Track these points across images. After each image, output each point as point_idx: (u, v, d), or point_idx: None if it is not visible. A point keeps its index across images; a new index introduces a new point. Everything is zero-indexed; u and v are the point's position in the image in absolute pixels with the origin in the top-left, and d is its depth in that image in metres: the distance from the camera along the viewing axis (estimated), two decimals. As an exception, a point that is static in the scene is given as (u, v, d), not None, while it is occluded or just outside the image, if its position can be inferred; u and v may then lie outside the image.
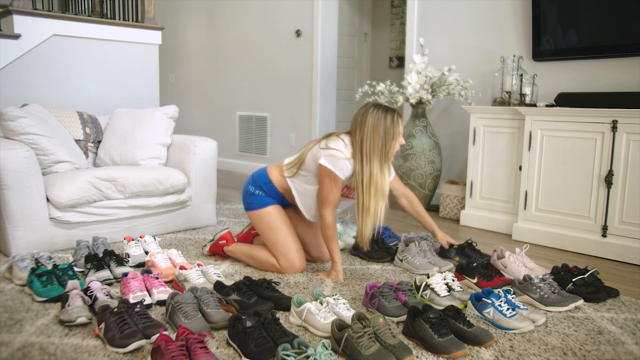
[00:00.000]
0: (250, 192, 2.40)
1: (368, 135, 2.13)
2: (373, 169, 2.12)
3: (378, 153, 2.13)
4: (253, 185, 2.39)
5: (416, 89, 3.56)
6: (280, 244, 2.33)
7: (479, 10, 3.68)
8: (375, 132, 2.13)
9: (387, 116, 2.14)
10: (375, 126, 2.13)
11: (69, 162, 2.84)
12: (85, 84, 3.60)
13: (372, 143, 2.13)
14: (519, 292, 2.06)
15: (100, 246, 2.46)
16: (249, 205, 2.41)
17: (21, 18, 3.28)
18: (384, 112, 2.15)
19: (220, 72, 5.92)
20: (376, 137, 2.13)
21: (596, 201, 2.78)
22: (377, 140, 2.13)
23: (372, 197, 2.13)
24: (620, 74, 3.02)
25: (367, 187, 2.13)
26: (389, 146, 2.15)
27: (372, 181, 2.12)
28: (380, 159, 2.14)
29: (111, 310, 1.68)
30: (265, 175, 2.38)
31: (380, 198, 2.15)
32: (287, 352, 1.42)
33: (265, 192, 2.37)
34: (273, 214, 2.35)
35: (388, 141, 2.14)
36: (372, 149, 2.13)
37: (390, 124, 2.14)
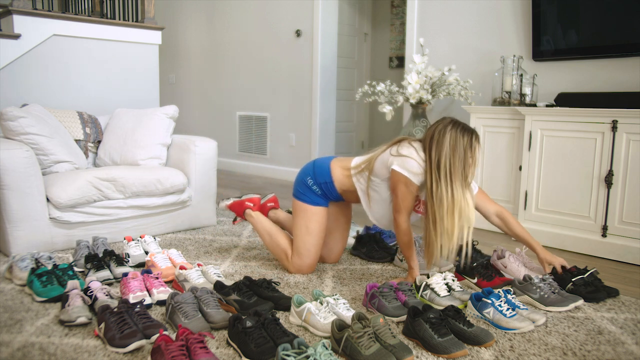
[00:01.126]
0: (307, 183, 2.29)
1: (447, 154, 1.99)
2: (456, 191, 1.99)
3: (459, 175, 2.00)
4: (312, 179, 2.28)
5: (416, 89, 3.56)
6: (305, 245, 2.30)
7: (479, 10, 3.68)
8: (454, 152, 1.99)
9: (465, 136, 2.01)
10: (454, 146, 2.00)
11: (69, 162, 2.84)
12: (85, 84, 3.60)
13: (453, 164, 1.99)
14: (519, 292, 2.06)
15: (100, 246, 2.46)
16: (299, 195, 2.31)
17: (21, 18, 3.28)
18: (462, 132, 2.02)
19: (220, 72, 5.92)
20: (456, 158, 1.99)
21: (596, 201, 2.78)
22: (457, 161, 2.00)
23: (456, 221, 2.01)
24: (620, 74, 3.02)
25: (449, 210, 2.00)
26: (467, 170, 2.02)
27: (456, 205, 1.99)
28: (461, 182, 2.01)
29: (111, 310, 1.68)
30: (328, 174, 2.26)
31: (465, 224, 2.03)
32: (287, 352, 1.42)
33: (322, 191, 2.27)
34: (317, 215, 2.28)
35: (467, 165, 2.01)
36: (453, 170, 1.99)
37: (469, 144, 2.01)
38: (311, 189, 2.28)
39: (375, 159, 2.15)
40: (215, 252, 2.68)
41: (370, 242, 2.62)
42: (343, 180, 2.25)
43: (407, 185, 2.06)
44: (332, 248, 2.50)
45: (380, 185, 2.17)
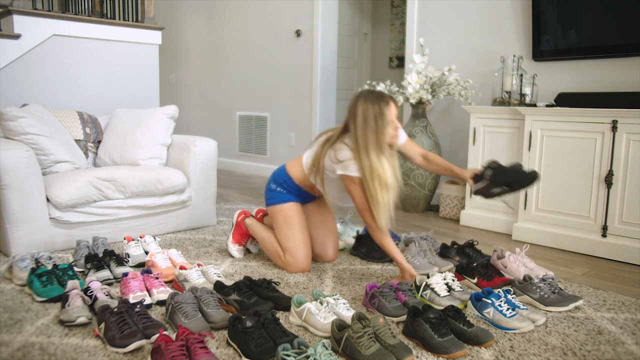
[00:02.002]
0: (271, 188, 2.46)
1: (360, 128, 2.13)
2: (372, 161, 2.11)
3: (373, 145, 2.12)
4: (274, 183, 2.45)
5: (416, 89, 3.56)
6: (291, 240, 2.36)
7: (479, 10, 3.68)
8: (366, 124, 2.12)
9: (374, 105, 2.13)
10: (365, 118, 2.12)
11: (69, 162, 2.84)
12: (85, 84, 3.60)
13: (365, 135, 2.12)
14: (519, 292, 2.06)
15: (100, 246, 2.46)
16: (269, 201, 2.46)
17: (21, 18, 3.28)
18: (371, 102, 2.13)
19: (220, 72, 5.92)
20: (368, 130, 2.12)
21: (596, 201, 2.78)
22: (370, 133, 2.12)
23: (377, 188, 2.12)
24: (620, 74, 3.02)
25: (371, 179, 2.12)
26: (381, 137, 2.13)
27: (374, 173, 2.11)
28: (376, 150, 2.12)
29: (111, 310, 1.68)
30: (284, 173, 2.43)
31: (385, 189, 2.13)
32: (287, 352, 1.42)
33: (285, 189, 2.42)
34: (291, 210, 2.40)
35: (380, 132, 2.12)
36: (367, 141, 2.11)
37: (379, 113, 2.12)
38: (276, 191, 2.43)
39: (322, 161, 2.26)
40: (215, 252, 2.68)
41: (370, 242, 2.62)
42: (299, 175, 2.39)
43: (356, 183, 2.18)
44: (324, 242, 2.51)
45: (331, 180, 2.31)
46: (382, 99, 2.15)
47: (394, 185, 2.17)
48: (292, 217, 2.39)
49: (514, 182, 2.12)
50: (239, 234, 2.61)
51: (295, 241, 2.36)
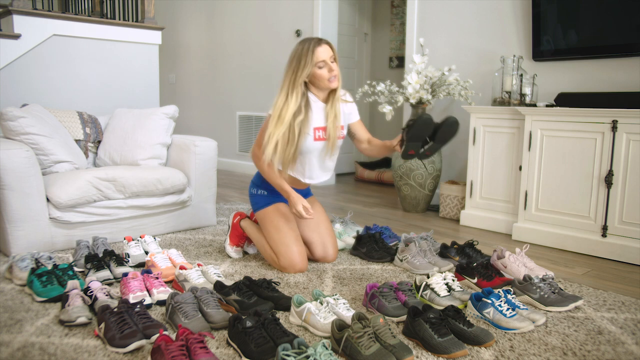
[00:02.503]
0: (253, 193, 2.47)
1: (286, 67, 2.22)
2: (280, 95, 2.20)
3: (288, 81, 2.20)
4: (254, 187, 2.47)
5: (416, 89, 3.56)
6: (282, 244, 2.34)
7: (478, 10, 3.68)
8: (290, 64, 2.20)
9: (304, 44, 2.19)
10: (291, 59, 2.20)
11: (69, 162, 2.84)
12: (85, 84, 3.60)
13: (286, 74, 2.21)
14: (519, 292, 2.06)
15: (100, 246, 2.46)
16: (254, 206, 2.46)
17: (21, 18, 3.28)
18: (301, 44, 2.20)
19: (220, 72, 5.92)
20: (290, 68, 2.20)
21: (596, 201, 2.78)
22: (290, 71, 2.20)
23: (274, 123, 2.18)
24: (620, 74, 3.02)
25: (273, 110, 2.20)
26: (299, 74, 2.18)
27: (276, 108, 2.19)
28: (288, 87, 2.19)
29: (111, 310, 1.68)
30: (259, 175, 2.45)
31: (279, 124, 2.18)
32: (287, 352, 1.42)
33: (267, 190, 2.41)
34: (277, 212, 2.39)
35: (300, 69, 2.17)
36: (285, 78, 2.21)
37: (305, 53, 2.16)
38: (258, 195, 2.44)
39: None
40: (215, 252, 2.68)
41: (370, 242, 2.62)
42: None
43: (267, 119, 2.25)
44: (324, 243, 2.50)
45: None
46: (314, 40, 2.20)
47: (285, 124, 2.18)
48: (279, 220, 2.37)
49: (434, 134, 2.13)
50: (236, 236, 2.60)
51: (285, 242, 2.34)
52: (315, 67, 2.18)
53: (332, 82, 2.24)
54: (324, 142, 2.34)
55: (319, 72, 2.20)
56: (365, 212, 3.79)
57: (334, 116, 2.30)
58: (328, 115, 2.30)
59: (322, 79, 2.21)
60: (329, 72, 2.20)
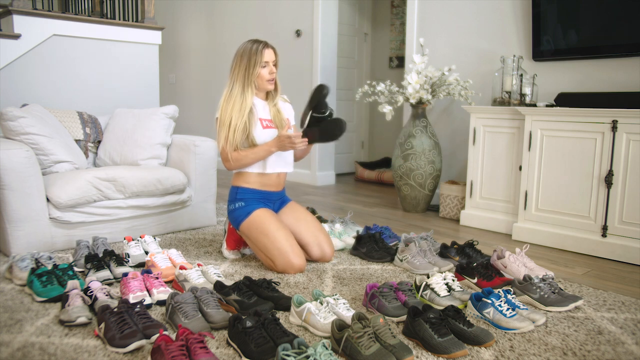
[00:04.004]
0: (231, 210, 2.47)
1: (236, 63, 2.41)
2: (234, 90, 2.38)
3: (242, 77, 2.38)
4: (231, 203, 2.48)
5: (416, 89, 3.56)
6: (274, 247, 2.33)
7: (479, 10, 3.68)
8: (241, 59, 2.39)
9: (253, 46, 2.38)
10: (242, 55, 2.39)
11: (69, 162, 2.84)
12: (85, 84, 3.60)
13: (238, 69, 2.39)
14: (519, 292, 2.06)
15: (100, 246, 2.46)
16: (235, 222, 2.45)
17: (21, 18, 3.28)
18: (251, 43, 2.39)
19: (220, 72, 5.92)
20: (242, 64, 2.38)
21: (596, 201, 2.78)
22: (241, 67, 2.38)
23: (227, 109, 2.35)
24: (620, 74, 3.02)
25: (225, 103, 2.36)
26: (251, 71, 2.37)
27: (231, 99, 2.37)
28: (242, 83, 2.38)
29: (111, 310, 1.68)
30: (233, 188, 2.49)
31: (237, 111, 2.35)
32: (287, 352, 1.42)
33: (244, 200, 2.44)
34: (260, 217, 2.38)
35: (251, 67, 2.37)
36: (237, 73, 2.39)
37: (254, 52, 2.36)
38: (237, 208, 2.44)
39: None
40: (215, 252, 2.68)
41: (370, 242, 2.62)
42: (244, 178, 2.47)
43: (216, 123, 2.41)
44: (320, 244, 2.50)
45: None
46: (261, 42, 2.40)
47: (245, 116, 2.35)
48: (264, 224, 2.36)
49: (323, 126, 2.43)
50: (233, 241, 2.59)
51: (277, 246, 2.33)
52: (259, 67, 2.38)
53: (270, 83, 2.44)
54: (274, 130, 2.46)
55: (262, 71, 2.39)
56: (365, 212, 3.79)
57: (277, 110, 2.50)
58: (270, 110, 2.49)
59: (262, 79, 2.40)
60: (270, 74, 2.41)
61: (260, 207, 2.42)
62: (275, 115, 2.48)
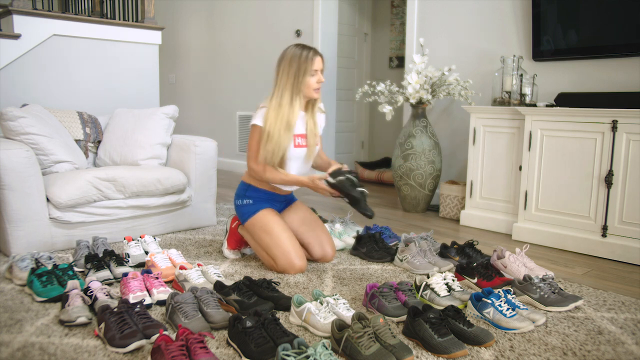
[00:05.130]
0: (238, 205, 2.47)
1: (284, 70, 2.29)
2: (283, 99, 2.26)
3: (290, 86, 2.27)
4: (239, 198, 2.47)
5: (416, 89, 3.56)
6: (276, 246, 2.34)
7: (479, 10, 3.68)
8: (290, 67, 2.27)
9: (302, 53, 2.27)
10: (290, 62, 2.27)
11: (69, 162, 2.84)
12: (85, 84, 3.60)
13: (286, 77, 2.27)
14: (519, 292, 2.06)
15: (100, 246, 2.46)
16: (242, 217, 2.45)
17: (21, 18, 3.28)
18: (300, 49, 2.29)
19: (220, 72, 5.92)
20: (290, 72, 2.27)
21: (596, 201, 2.78)
22: (290, 75, 2.27)
23: (276, 123, 2.24)
24: (620, 74, 3.02)
25: (274, 114, 2.25)
26: (301, 80, 2.26)
27: (280, 109, 2.25)
28: (291, 92, 2.27)
29: (111, 310, 1.68)
30: (243, 184, 2.47)
31: (284, 128, 2.25)
32: (287, 352, 1.42)
33: (252, 198, 2.43)
34: (265, 217, 2.39)
35: (301, 75, 2.26)
36: (285, 82, 2.27)
37: (304, 60, 2.26)
38: (244, 205, 2.43)
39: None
40: (215, 252, 2.68)
41: (370, 242, 2.62)
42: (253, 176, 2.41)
43: (255, 131, 2.30)
44: (321, 244, 2.50)
45: None
46: (311, 49, 2.30)
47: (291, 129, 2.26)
48: (268, 224, 2.37)
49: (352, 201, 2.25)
50: (234, 241, 2.60)
51: (280, 246, 2.34)
52: (309, 75, 2.29)
53: (317, 92, 2.34)
54: (304, 150, 2.39)
55: (310, 79, 2.29)
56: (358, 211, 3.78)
57: (313, 124, 2.40)
58: (307, 124, 2.39)
59: (310, 87, 2.30)
60: (317, 83, 2.31)
61: (266, 206, 2.43)
62: (311, 129, 2.38)
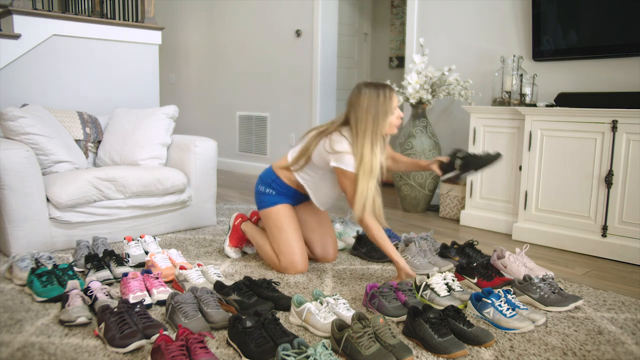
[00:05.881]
0: (260, 191, 2.42)
1: (361, 116, 2.14)
2: (364, 149, 2.13)
3: (370, 133, 2.14)
4: (263, 185, 2.41)
5: (416, 89, 3.56)
6: (284, 244, 2.34)
7: (479, 10, 3.68)
8: (368, 112, 2.13)
9: (379, 94, 2.14)
10: (368, 107, 2.13)
11: (69, 162, 2.84)
12: (86, 84, 3.60)
13: (365, 123, 2.13)
14: (519, 292, 2.06)
15: (100, 246, 2.46)
16: (259, 204, 2.43)
17: (21, 18, 3.28)
18: (375, 90, 2.15)
19: (220, 72, 5.92)
20: (369, 118, 2.13)
21: (596, 201, 2.77)
22: (369, 121, 2.13)
23: (360, 176, 2.13)
24: (620, 74, 3.02)
25: (361, 168, 2.13)
26: (381, 124, 2.15)
27: (363, 161, 2.13)
28: (371, 138, 2.14)
29: (111, 310, 1.68)
30: (272, 172, 2.40)
31: (369, 177, 2.15)
32: (287, 352, 1.42)
33: (275, 190, 2.38)
34: (281, 212, 2.37)
35: (380, 119, 2.14)
36: (365, 129, 2.13)
37: (383, 101, 2.14)
38: (265, 194, 2.39)
39: (312, 151, 2.24)
40: (215, 252, 2.68)
41: (370, 242, 2.62)
42: (287, 174, 2.36)
43: (350, 179, 2.17)
44: (324, 243, 2.51)
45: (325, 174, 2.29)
46: (386, 88, 2.16)
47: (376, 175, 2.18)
48: (283, 220, 2.36)
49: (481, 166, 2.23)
50: (236, 238, 2.60)
51: (288, 243, 2.34)
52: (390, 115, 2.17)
53: (399, 125, 2.24)
54: None
55: (392, 118, 2.18)
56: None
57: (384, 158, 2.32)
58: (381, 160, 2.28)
59: (391, 125, 2.20)
60: (398, 118, 2.20)
61: (286, 202, 2.40)
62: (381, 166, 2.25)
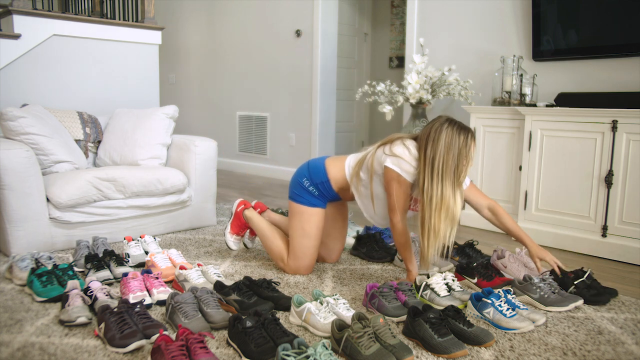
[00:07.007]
0: (303, 185, 2.27)
1: (441, 153, 1.98)
2: (445, 190, 1.99)
3: (451, 174, 2.00)
4: (308, 180, 2.26)
5: (416, 89, 3.56)
6: (302, 249, 2.30)
7: (479, 10, 3.68)
8: (449, 151, 1.98)
9: (461, 135, 2.00)
10: (449, 145, 1.99)
11: (69, 162, 2.84)
12: (85, 84, 3.60)
13: (446, 163, 1.99)
14: (519, 292, 2.06)
15: (100, 246, 2.46)
16: (295, 197, 2.29)
17: (21, 18, 3.28)
18: (458, 131, 2.01)
19: (220, 72, 5.92)
20: (449, 157, 1.99)
21: (596, 201, 2.77)
22: (451, 160, 1.99)
23: (442, 220, 2.01)
24: (620, 74, 3.02)
25: (437, 208, 2.00)
26: (461, 168, 2.01)
27: (444, 204, 1.99)
28: (452, 181, 2.00)
29: (111, 310, 1.68)
30: (324, 173, 2.25)
31: (450, 223, 2.03)
32: (287, 352, 1.42)
33: (319, 191, 2.26)
34: (314, 217, 2.27)
35: (461, 163, 2.00)
36: (445, 168, 1.99)
37: (464, 144, 2.00)
38: (308, 190, 2.27)
39: (372, 159, 2.15)
40: (215, 252, 2.68)
41: (370, 242, 2.62)
42: (339, 178, 2.25)
43: (399, 183, 2.07)
44: (332, 248, 2.50)
45: (375, 184, 2.17)
46: (470, 132, 2.04)
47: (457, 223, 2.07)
48: (312, 226, 2.27)
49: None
50: (237, 225, 2.53)
51: (305, 250, 2.29)
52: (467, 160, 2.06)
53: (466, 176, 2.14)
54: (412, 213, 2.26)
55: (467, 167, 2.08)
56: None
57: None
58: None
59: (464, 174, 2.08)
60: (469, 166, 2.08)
61: (323, 206, 2.30)
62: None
